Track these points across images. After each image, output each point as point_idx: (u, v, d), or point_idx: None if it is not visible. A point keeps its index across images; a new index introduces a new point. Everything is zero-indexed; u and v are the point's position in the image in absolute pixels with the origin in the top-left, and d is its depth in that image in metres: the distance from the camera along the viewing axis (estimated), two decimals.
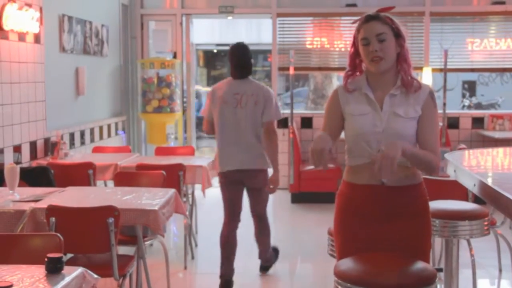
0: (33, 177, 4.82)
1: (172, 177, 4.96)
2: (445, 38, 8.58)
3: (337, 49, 8.74)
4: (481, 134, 8.31)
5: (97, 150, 6.52)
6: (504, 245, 4.77)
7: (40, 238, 2.85)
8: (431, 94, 2.72)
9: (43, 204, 3.69)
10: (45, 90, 5.92)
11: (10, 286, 2.18)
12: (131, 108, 8.72)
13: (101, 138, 7.40)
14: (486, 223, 3.55)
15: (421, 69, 8.33)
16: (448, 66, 7.99)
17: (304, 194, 7.72)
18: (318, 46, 8.74)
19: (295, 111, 8.41)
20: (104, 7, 7.68)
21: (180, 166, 5.20)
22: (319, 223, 6.32)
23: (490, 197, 2.57)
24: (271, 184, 4.68)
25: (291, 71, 8.11)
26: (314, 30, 8.82)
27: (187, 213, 5.31)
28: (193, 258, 5.55)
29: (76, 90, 6.79)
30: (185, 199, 5.48)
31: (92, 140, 7.10)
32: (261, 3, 8.72)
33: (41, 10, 5.75)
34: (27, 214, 3.64)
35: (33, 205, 3.73)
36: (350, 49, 2.78)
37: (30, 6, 5.48)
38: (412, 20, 8.56)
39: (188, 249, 5.40)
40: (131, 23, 8.68)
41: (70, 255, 3.79)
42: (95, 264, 3.65)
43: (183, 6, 8.74)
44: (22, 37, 5.45)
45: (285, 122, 8.17)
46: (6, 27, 5.11)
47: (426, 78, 8.27)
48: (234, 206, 4.74)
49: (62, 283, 2.25)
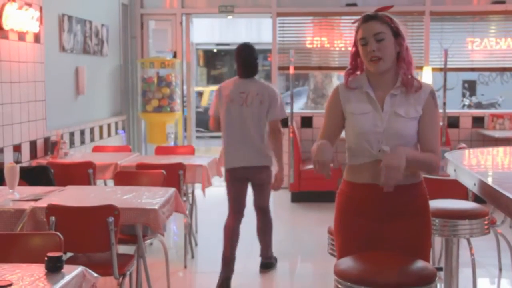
0: (33, 176, 4.82)
1: (172, 176, 4.97)
2: (445, 38, 8.59)
3: (337, 48, 8.74)
4: (481, 134, 8.31)
5: (97, 149, 6.52)
6: (504, 244, 4.77)
7: (40, 237, 2.85)
8: (432, 93, 2.71)
9: (43, 203, 3.69)
10: (45, 89, 5.92)
11: (10, 285, 2.18)
12: (131, 107, 8.72)
13: (101, 137, 7.40)
14: (486, 222, 3.56)
15: (421, 68, 8.33)
16: (448, 66, 7.99)
17: (304, 193, 7.71)
18: (318, 46, 8.74)
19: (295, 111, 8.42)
20: (104, 7, 7.68)
21: (180, 166, 5.20)
22: (319, 222, 6.32)
23: (490, 196, 2.57)
24: (276, 181, 4.83)
25: (291, 71, 8.11)
26: (314, 29, 8.83)
27: (187, 212, 5.31)
28: (193, 257, 5.55)
29: (76, 89, 6.79)
30: (185, 198, 5.49)
31: (92, 139, 7.10)
32: (261, 3, 8.72)
33: (41, 9, 5.75)
34: (27, 213, 3.64)
35: (33, 204, 3.72)
36: (351, 48, 2.78)
37: (30, 5, 5.47)
38: (412, 19, 8.56)
39: (188, 248, 5.41)
40: (131, 23, 8.68)
41: (70, 254, 3.79)
42: (95, 263, 3.65)
43: (183, 6, 8.74)
44: (22, 36, 5.45)
45: (285, 121, 8.15)
46: (6, 27, 5.11)
47: (426, 78, 8.27)
48: (239, 202, 4.86)
49: (62, 282, 2.25)
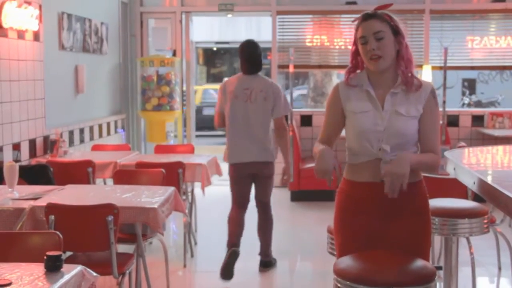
0: (32, 175, 4.82)
1: (171, 175, 4.97)
2: (445, 36, 8.58)
3: (336, 47, 8.73)
4: (481, 132, 8.30)
5: (96, 148, 6.52)
6: (503, 243, 4.77)
7: (39, 236, 2.85)
8: (433, 92, 2.71)
9: (42, 202, 3.69)
10: (44, 88, 5.92)
11: (9, 284, 2.18)
12: (131, 106, 8.71)
13: (100, 136, 7.39)
14: (485, 221, 3.55)
15: (421, 67, 8.32)
16: (448, 64, 7.98)
17: (303, 192, 7.71)
18: (318, 44, 8.73)
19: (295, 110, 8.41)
20: (103, 5, 7.67)
21: (179, 164, 5.20)
22: (319, 221, 6.31)
23: (489, 195, 2.56)
24: (285, 175, 4.95)
25: (291, 69, 8.11)
26: (314, 28, 8.82)
27: (187, 211, 5.30)
28: (192, 256, 5.55)
29: (75, 88, 6.78)
30: (184, 197, 5.48)
31: (91, 138, 7.10)
32: (260, 1, 8.71)
33: (40, 7, 5.74)
34: (26, 212, 3.64)
35: (32, 203, 3.72)
36: (351, 47, 2.78)
37: (29, 3, 5.47)
38: (412, 17, 8.56)
39: (187, 247, 5.40)
40: (131, 21, 8.68)
41: (69, 253, 3.79)
42: (95, 262, 3.65)
43: (183, 4, 8.73)
44: (21, 34, 5.44)
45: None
46: (5, 25, 5.11)
47: (426, 76, 8.27)
48: (242, 197, 4.98)
49: (61, 281, 2.25)
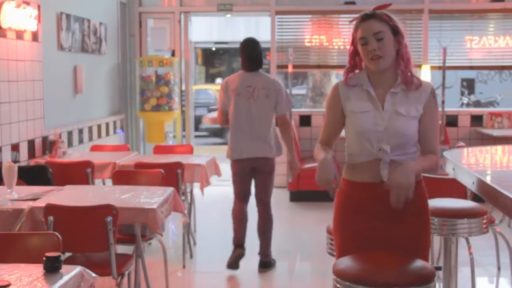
0: (31, 175, 4.81)
1: (170, 175, 4.96)
2: (443, 36, 8.58)
3: (335, 47, 8.72)
4: (479, 132, 8.30)
5: (95, 148, 6.51)
6: (502, 243, 4.76)
7: (38, 237, 2.85)
8: (433, 93, 2.71)
9: (41, 203, 3.68)
10: (43, 88, 5.91)
11: (8, 285, 2.17)
12: (130, 106, 8.70)
13: (99, 136, 7.39)
14: (484, 221, 3.55)
15: (419, 66, 8.32)
16: (446, 64, 7.98)
17: (303, 193, 7.71)
18: (317, 44, 8.73)
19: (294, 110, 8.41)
20: (102, 5, 7.66)
21: (178, 165, 5.19)
22: (318, 222, 6.31)
23: (488, 195, 2.57)
24: (293, 166, 5.15)
25: (290, 69, 8.11)
26: (313, 28, 8.82)
27: (186, 211, 5.30)
28: (191, 257, 5.54)
29: (74, 88, 6.78)
30: (183, 198, 5.48)
31: (90, 138, 7.09)
32: (259, 1, 8.71)
33: (39, 8, 5.73)
34: (25, 213, 3.63)
35: (31, 204, 3.72)
36: (349, 47, 2.77)
37: (28, 4, 5.46)
38: (410, 17, 8.56)
39: (186, 247, 5.40)
40: (130, 21, 8.67)
41: (68, 254, 3.79)
42: (94, 263, 3.64)
43: (182, 4, 8.72)
44: (20, 35, 5.43)
45: None
46: (4, 25, 5.10)
47: (425, 76, 8.26)
48: (244, 190, 5.12)
49: (60, 282, 2.25)
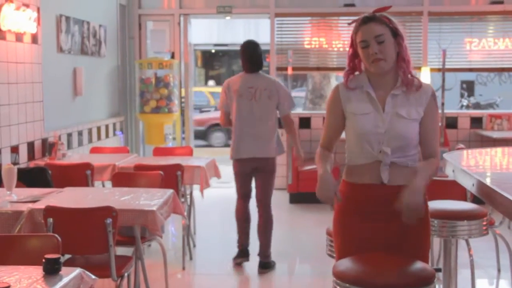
0: (30, 177, 4.81)
1: (170, 177, 4.96)
2: (443, 38, 8.58)
3: (335, 49, 8.72)
4: (479, 134, 8.31)
5: (95, 150, 6.51)
6: (502, 245, 4.76)
7: (37, 239, 2.84)
8: (434, 95, 2.71)
9: (41, 205, 3.68)
10: (42, 90, 5.91)
11: (8, 287, 2.17)
12: (129, 108, 8.70)
13: (99, 138, 7.38)
14: (484, 223, 3.56)
15: (419, 69, 8.32)
16: (446, 66, 7.98)
17: (302, 195, 7.70)
18: (316, 46, 8.73)
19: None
20: (102, 7, 7.67)
21: (178, 167, 5.19)
22: (318, 223, 6.31)
23: (488, 197, 2.57)
24: (298, 157, 5.28)
25: (289, 71, 8.11)
26: (312, 30, 8.82)
27: (185, 213, 5.30)
28: (191, 258, 5.54)
29: (74, 90, 6.78)
30: (183, 200, 5.48)
31: (90, 140, 7.09)
32: (259, 3, 8.71)
33: (38, 10, 5.73)
34: (25, 215, 3.63)
35: (30, 206, 3.72)
36: (349, 49, 2.77)
37: (27, 6, 5.46)
38: (410, 19, 8.56)
39: (186, 249, 5.40)
40: (129, 23, 8.67)
41: (68, 256, 3.78)
42: (93, 265, 3.64)
43: (181, 6, 8.73)
44: (19, 37, 5.43)
45: None
46: (3, 28, 5.10)
47: (425, 78, 8.27)
48: (245, 188, 5.25)
49: (60, 284, 2.25)
